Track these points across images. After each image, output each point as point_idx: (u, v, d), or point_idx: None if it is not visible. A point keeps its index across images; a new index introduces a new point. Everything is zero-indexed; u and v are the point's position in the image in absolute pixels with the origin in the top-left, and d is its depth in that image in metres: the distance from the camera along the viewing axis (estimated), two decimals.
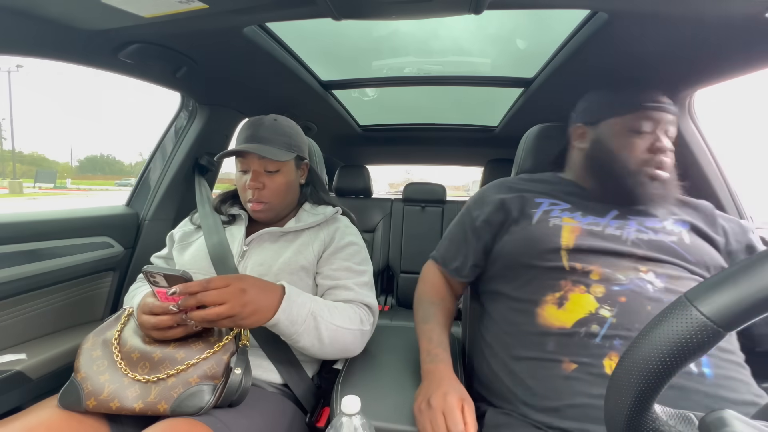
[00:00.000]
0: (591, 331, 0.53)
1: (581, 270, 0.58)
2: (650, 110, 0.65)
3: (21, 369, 0.75)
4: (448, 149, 2.20)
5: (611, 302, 0.54)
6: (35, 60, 0.74)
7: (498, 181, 0.78)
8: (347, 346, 0.67)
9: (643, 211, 0.65)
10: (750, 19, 0.60)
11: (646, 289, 0.55)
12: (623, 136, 0.66)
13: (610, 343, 0.52)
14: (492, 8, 0.62)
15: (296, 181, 0.81)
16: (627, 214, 0.65)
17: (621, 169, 0.65)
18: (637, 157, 0.65)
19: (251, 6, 0.64)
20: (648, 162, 0.64)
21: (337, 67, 1.18)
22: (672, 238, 0.61)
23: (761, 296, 0.25)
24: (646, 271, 0.57)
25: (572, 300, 0.57)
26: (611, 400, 0.29)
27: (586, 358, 0.52)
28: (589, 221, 0.63)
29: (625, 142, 0.66)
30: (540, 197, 0.69)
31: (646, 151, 0.64)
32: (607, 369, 0.51)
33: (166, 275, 0.54)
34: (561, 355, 0.54)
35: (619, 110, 0.68)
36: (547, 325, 0.57)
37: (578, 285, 0.57)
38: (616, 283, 0.56)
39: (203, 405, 0.54)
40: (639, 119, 0.65)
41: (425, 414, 0.53)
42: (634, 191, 0.64)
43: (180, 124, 1.16)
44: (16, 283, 0.79)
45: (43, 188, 33.81)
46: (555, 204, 0.67)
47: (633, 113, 0.66)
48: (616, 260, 0.58)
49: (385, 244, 1.93)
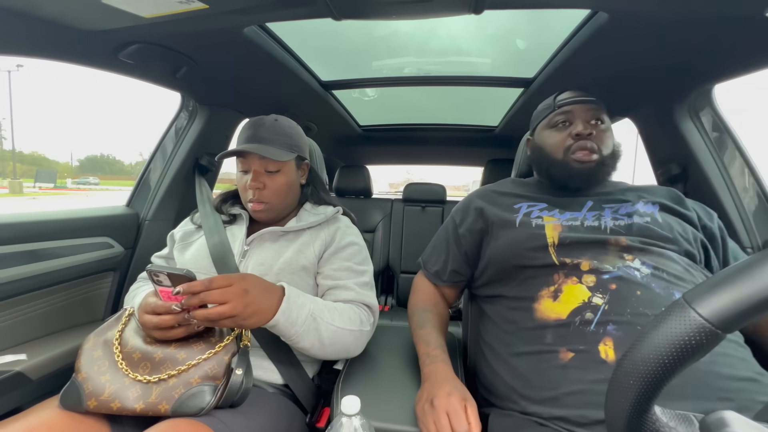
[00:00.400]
0: (585, 318, 0.55)
1: (571, 263, 0.60)
2: (564, 105, 0.72)
3: (21, 369, 0.75)
4: (448, 149, 2.20)
5: (603, 290, 0.56)
6: (35, 60, 0.74)
7: (481, 189, 0.82)
8: (347, 346, 0.67)
9: (614, 198, 0.70)
10: (750, 19, 0.60)
11: (633, 276, 0.57)
12: (547, 134, 0.75)
13: (603, 329, 0.53)
14: (492, 8, 0.62)
15: (297, 181, 0.81)
16: (600, 203, 0.69)
17: (552, 162, 0.72)
18: (561, 147, 0.71)
19: (251, 6, 0.64)
20: (570, 148, 0.69)
21: (337, 67, 1.18)
22: (645, 219, 0.64)
23: (759, 297, 0.25)
24: (631, 259, 0.59)
25: (566, 291, 0.58)
26: (611, 402, 0.29)
27: (582, 345, 0.54)
28: (567, 217, 0.66)
29: (549, 139, 0.74)
30: (518, 202, 0.72)
31: (568, 139, 0.70)
32: (602, 354, 0.52)
33: (170, 274, 0.54)
34: (559, 345, 0.56)
35: (541, 114, 0.78)
36: (545, 318, 0.59)
37: (570, 277, 0.60)
38: (605, 272, 0.58)
39: (204, 405, 0.54)
40: (555, 116, 0.73)
41: (429, 415, 0.53)
42: (572, 175, 0.70)
43: (180, 124, 1.16)
44: (17, 284, 0.79)
45: (44, 188, 33.81)
46: (533, 205, 0.71)
47: (551, 113, 0.75)
48: (602, 250, 0.61)
49: (386, 244, 1.93)
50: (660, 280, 0.57)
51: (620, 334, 0.52)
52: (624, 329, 0.52)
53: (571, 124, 0.71)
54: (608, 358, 0.51)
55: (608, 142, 0.70)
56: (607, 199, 0.69)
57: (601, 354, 0.52)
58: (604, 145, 0.69)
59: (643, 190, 0.73)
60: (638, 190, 0.72)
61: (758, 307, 0.25)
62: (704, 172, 0.91)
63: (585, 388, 0.51)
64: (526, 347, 0.60)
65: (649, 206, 0.67)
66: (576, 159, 0.68)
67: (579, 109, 0.71)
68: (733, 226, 0.86)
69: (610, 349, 0.52)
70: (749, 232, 0.85)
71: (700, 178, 0.91)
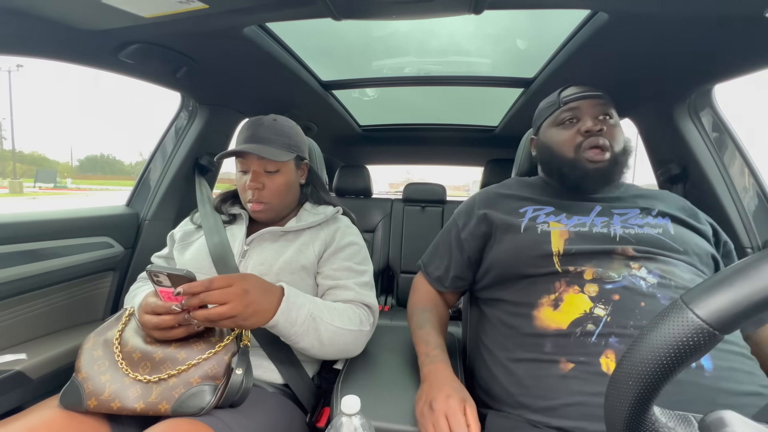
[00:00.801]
0: (587, 330, 0.53)
1: (574, 271, 0.58)
2: (570, 102, 0.69)
3: (21, 369, 0.75)
4: (448, 149, 2.20)
5: (605, 300, 0.55)
6: (35, 60, 0.74)
7: (485, 190, 0.79)
8: (347, 346, 0.67)
9: (623, 204, 0.67)
10: (750, 19, 0.60)
11: (639, 286, 0.55)
12: (554, 132, 0.72)
13: (605, 341, 0.52)
14: (492, 8, 0.62)
15: (296, 181, 0.81)
16: (610, 208, 0.66)
17: (562, 161, 0.69)
18: (570, 145, 0.68)
19: (251, 6, 0.64)
20: (581, 146, 0.66)
21: (337, 67, 1.18)
22: (657, 230, 0.62)
23: (756, 298, 0.25)
24: (638, 267, 0.57)
25: (567, 301, 0.57)
26: (610, 403, 0.29)
27: (583, 357, 0.52)
28: (575, 222, 0.64)
29: (556, 137, 0.71)
30: (524, 205, 0.70)
31: (578, 136, 0.67)
32: (603, 367, 0.51)
33: (170, 275, 0.54)
34: (558, 355, 0.54)
35: (546, 112, 0.75)
36: (544, 327, 0.57)
37: (572, 285, 0.58)
38: (609, 281, 0.56)
39: (204, 405, 0.54)
40: (561, 113, 0.70)
41: (428, 417, 0.53)
42: (585, 176, 0.67)
43: (180, 124, 1.16)
44: (17, 283, 0.79)
45: (44, 188, 33.82)
46: (539, 209, 0.68)
47: (556, 110, 0.72)
48: (608, 258, 0.59)
49: (385, 244, 1.93)
50: (667, 289, 0.55)
51: (622, 347, 0.51)
52: (626, 342, 0.51)
53: (579, 120, 0.68)
54: (609, 370, 0.50)
55: (619, 138, 0.67)
56: (617, 205, 0.67)
57: (602, 366, 0.51)
58: (615, 141, 0.66)
59: (653, 197, 0.70)
60: (649, 197, 0.70)
61: (756, 307, 0.25)
62: (704, 172, 0.91)
63: (585, 400, 0.50)
64: (524, 354, 0.58)
65: (659, 218, 0.65)
66: (588, 158, 0.65)
67: (586, 105, 0.68)
68: (732, 226, 0.86)
69: (612, 362, 0.50)
70: (749, 232, 0.85)
71: (700, 178, 0.91)
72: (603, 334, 0.52)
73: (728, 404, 0.45)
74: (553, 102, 0.73)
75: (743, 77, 0.78)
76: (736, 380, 0.49)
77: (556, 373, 0.53)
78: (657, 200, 0.69)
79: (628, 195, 0.71)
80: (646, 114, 1.04)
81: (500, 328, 0.65)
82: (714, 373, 0.48)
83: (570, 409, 0.50)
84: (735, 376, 0.49)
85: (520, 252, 0.64)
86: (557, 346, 0.55)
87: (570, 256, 0.60)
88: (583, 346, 0.53)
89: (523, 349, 0.59)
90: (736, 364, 0.50)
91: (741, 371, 0.50)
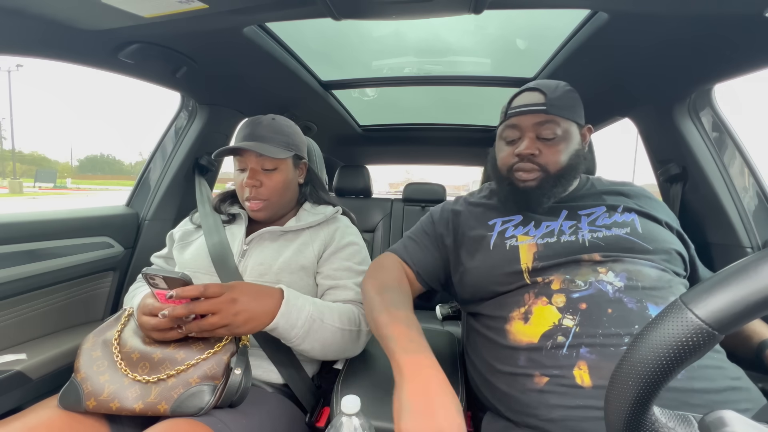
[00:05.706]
0: (557, 342, 0.53)
1: (542, 282, 0.58)
2: (514, 116, 0.67)
3: (21, 369, 0.75)
4: (448, 149, 2.20)
5: (573, 310, 0.54)
6: (35, 60, 0.75)
7: (456, 198, 0.79)
8: (347, 346, 0.67)
9: (588, 203, 0.67)
10: (750, 19, 0.60)
11: (605, 292, 0.54)
12: (499, 146, 0.71)
13: (576, 353, 0.51)
14: (492, 8, 0.62)
15: (294, 180, 0.81)
16: (576, 210, 0.66)
17: (498, 176, 0.70)
18: (505, 164, 0.68)
19: (251, 6, 0.64)
20: (513, 166, 0.66)
21: (337, 67, 1.18)
22: (625, 229, 0.61)
23: (755, 298, 0.25)
24: (605, 271, 0.57)
25: (536, 313, 0.56)
26: (610, 403, 0.29)
27: (556, 370, 0.51)
28: (543, 232, 0.63)
29: (499, 152, 0.71)
30: (493, 217, 0.69)
31: (513, 157, 0.66)
32: (577, 379, 0.49)
33: (166, 277, 0.54)
34: (533, 369, 0.53)
35: (500, 117, 0.72)
36: (517, 341, 0.56)
37: (540, 297, 0.57)
38: (575, 290, 0.56)
39: (203, 405, 0.54)
40: (506, 127, 0.69)
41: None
42: (514, 193, 0.67)
43: (180, 124, 1.16)
44: (16, 283, 0.79)
45: (43, 188, 33.83)
46: (507, 221, 0.67)
47: (504, 122, 0.69)
48: (576, 265, 0.58)
49: (385, 244, 1.93)
50: (634, 290, 0.54)
51: (594, 357, 0.50)
52: (597, 352, 0.50)
53: (518, 139, 0.66)
54: (584, 383, 0.49)
55: (558, 158, 0.64)
56: (583, 205, 0.67)
57: (577, 379, 0.49)
58: (551, 162, 0.64)
59: (619, 193, 0.69)
60: (614, 193, 0.69)
61: (755, 308, 0.25)
62: (704, 172, 0.90)
63: (565, 414, 0.49)
64: (503, 367, 0.57)
65: (626, 214, 0.64)
66: (518, 178, 0.65)
67: (528, 122, 0.64)
68: (732, 226, 0.86)
69: (585, 374, 0.49)
70: (749, 232, 0.85)
71: (700, 178, 0.91)
72: (573, 345, 0.52)
73: (703, 404, 0.46)
74: (504, 110, 0.71)
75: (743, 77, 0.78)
76: (707, 378, 0.48)
77: (532, 387, 0.53)
78: (623, 195, 0.69)
79: (593, 192, 0.70)
80: (646, 114, 1.04)
81: (480, 340, 0.65)
82: (685, 374, 0.48)
83: (552, 424, 0.49)
84: (705, 373, 0.49)
85: (490, 270, 0.63)
86: (530, 360, 0.54)
87: (538, 270, 0.59)
88: (556, 359, 0.52)
89: (501, 362, 0.58)
90: (704, 361, 0.50)
91: (710, 368, 0.50)
